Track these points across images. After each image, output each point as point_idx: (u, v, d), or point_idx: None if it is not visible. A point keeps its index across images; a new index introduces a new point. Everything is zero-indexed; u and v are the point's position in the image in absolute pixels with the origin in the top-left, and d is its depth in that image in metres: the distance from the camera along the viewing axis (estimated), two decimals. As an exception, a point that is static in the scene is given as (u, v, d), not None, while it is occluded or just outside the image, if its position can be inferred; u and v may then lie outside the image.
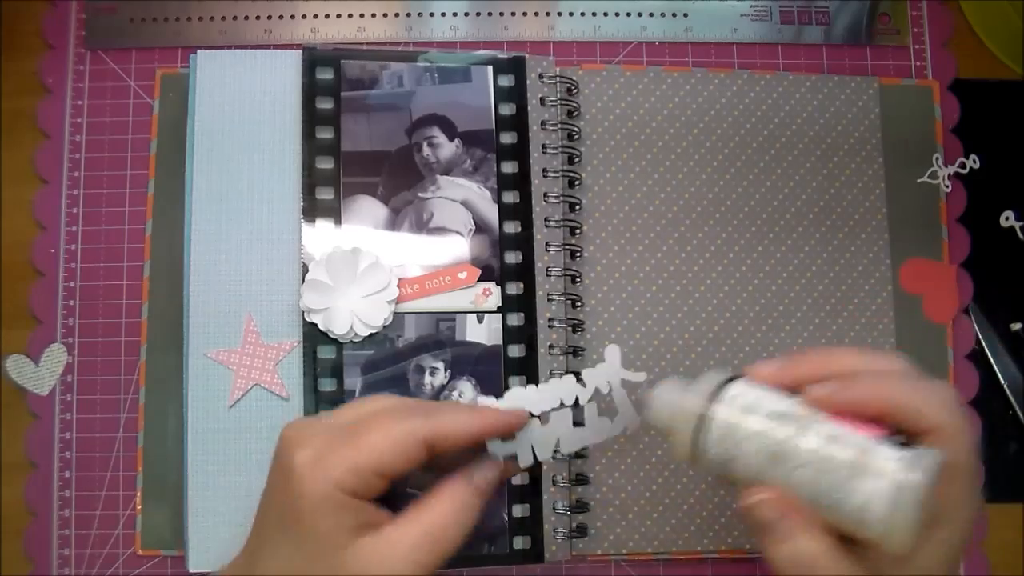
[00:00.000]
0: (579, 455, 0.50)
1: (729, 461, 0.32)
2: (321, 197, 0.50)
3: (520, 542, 0.48)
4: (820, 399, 0.31)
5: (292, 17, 0.54)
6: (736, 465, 0.31)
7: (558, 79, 0.52)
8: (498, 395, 0.38)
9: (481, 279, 0.50)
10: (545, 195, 0.51)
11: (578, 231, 0.51)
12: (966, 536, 0.31)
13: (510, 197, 0.51)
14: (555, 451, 0.37)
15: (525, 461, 0.37)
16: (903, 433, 0.31)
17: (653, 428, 0.35)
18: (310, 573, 0.32)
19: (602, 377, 0.38)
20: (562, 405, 0.37)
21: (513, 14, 0.54)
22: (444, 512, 0.34)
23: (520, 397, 0.37)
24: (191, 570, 0.47)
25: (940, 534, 0.30)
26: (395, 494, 0.35)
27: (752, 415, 0.31)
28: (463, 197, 0.50)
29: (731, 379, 0.33)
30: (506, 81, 0.52)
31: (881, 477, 0.28)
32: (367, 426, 0.33)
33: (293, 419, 0.38)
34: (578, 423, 0.38)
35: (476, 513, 0.35)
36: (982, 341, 0.54)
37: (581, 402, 0.38)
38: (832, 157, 0.54)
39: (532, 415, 0.37)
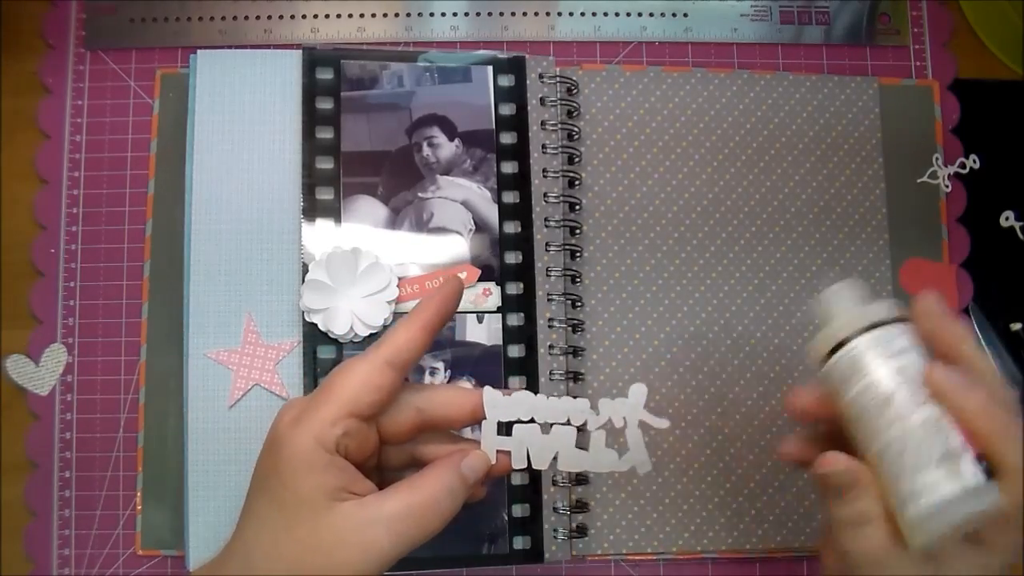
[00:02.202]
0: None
1: (844, 382, 0.34)
2: (321, 197, 0.50)
3: (520, 542, 0.48)
4: (939, 393, 0.33)
5: (292, 17, 0.54)
6: (848, 388, 0.33)
7: (558, 79, 0.52)
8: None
9: (481, 279, 0.50)
10: (545, 195, 0.51)
11: (578, 231, 0.51)
12: (1003, 566, 0.33)
13: (510, 197, 0.51)
14: (553, 462, 0.36)
15: (518, 461, 0.36)
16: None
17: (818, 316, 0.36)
18: (291, 536, 0.33)
19: (619, 411, 0.36)
20: (568, 423, 0.36)
21: (513, 14, 0.54)
22: (428, 491, 0.34)
23: (525, 400, 0.36)
24: (191, 570, 0.47)
25: (978, 554, 0.32)
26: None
27: (891, 360, 0.33)
28: (463, 197, 0.50)
29: (897, 319, 0.34)
30: (506, 81, 0.52)
31: (953, 480, 0.30)
32: (334, 377, 0.35)
33: None
34: (581, 447, 0.36)
35: (460, 500, 0.35)
36: (982, 341, 0.54)
37: (589, 428, 0.36)
38: (832, 157, 0.54)
39: (534, 421, 0.36)
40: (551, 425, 0.36)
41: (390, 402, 0.35)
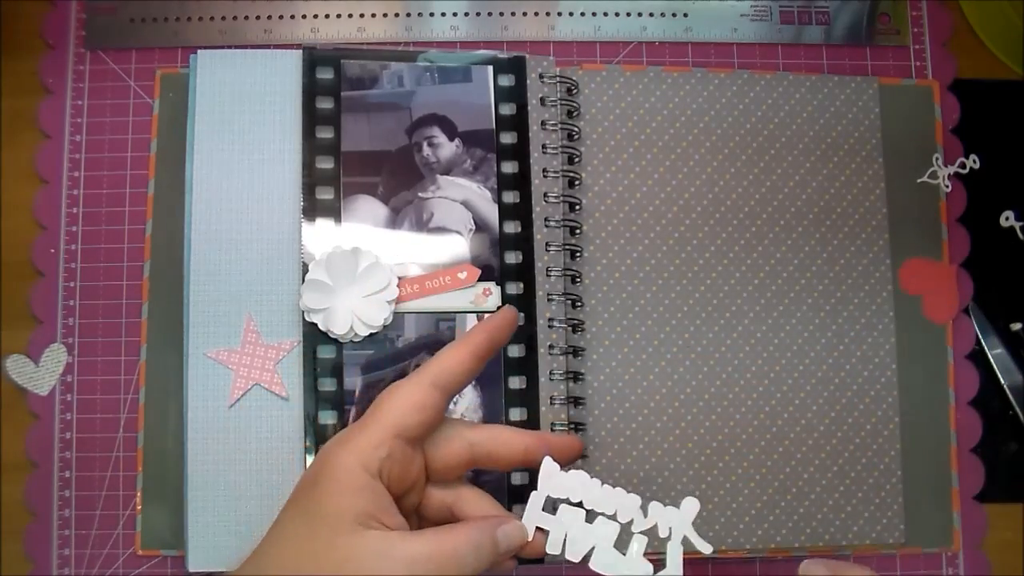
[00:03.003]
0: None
1: None
2: (321, 197, 0.50)
3: (520, 542, 0.48)
4: None
5: (292, 17, 0.54)
6: None
7: (558, 79, 0.52)
8: (496, 394, 0.37)
9: (481, 279, 0.50)
10: (545, 195, 0.51)
11: (578, 231, 0.51)
12: None
13: (510, 197, 0.51)
14: (584, 559, 0.36)
15: (554, 546, 0.36)
16: None
17: None
18: (307, 548, 0.33)
19: (667, 520, 0.36)
20: (614, 519, 0.36)
21: (513, 14, 0.54)
22: (455, 543, 0.34)
23: (581, 480, 0.36)
24: (191, 570, 0.47)
25: None
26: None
27: None
28: (463, 197, 0.50)
29: None
30: (506, 81, 0.52)
31: None
32: (380, 399, 0.35)
33: None
34: (619, 548, 0.36)
35: (484, 563, 0.34)
36: (982, 341, 0.54)
37: (633, 529, 0.36)
38: (832, 157, 0.54)
39: (582, 505, 0.36)
40: (596, 514, 0.36)
41: (435, 424, 0.36)
